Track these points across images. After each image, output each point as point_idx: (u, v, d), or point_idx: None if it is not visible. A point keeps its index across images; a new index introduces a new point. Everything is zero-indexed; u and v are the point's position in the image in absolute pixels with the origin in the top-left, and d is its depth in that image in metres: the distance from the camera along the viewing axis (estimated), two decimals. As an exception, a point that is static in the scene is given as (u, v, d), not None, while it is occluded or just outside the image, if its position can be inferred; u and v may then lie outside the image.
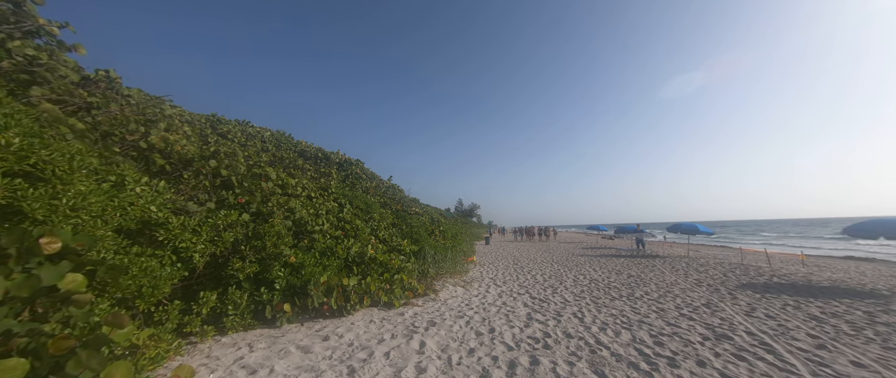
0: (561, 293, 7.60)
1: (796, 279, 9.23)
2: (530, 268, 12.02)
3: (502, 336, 4.62)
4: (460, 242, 15.32)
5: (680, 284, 8.53)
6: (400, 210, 14.50)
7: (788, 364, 3.68)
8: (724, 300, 6.77)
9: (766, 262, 12.94)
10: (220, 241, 4.74)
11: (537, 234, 30.87)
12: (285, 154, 11.82)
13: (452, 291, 7.58)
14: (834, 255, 21.23)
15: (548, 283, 8.98)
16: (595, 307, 6.28)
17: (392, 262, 7.08)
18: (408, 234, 11.22)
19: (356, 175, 16.13)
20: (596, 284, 8.65)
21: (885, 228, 7.83)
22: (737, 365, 3.66)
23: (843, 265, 14.07)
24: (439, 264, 9.23)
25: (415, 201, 22.44)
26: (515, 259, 15.04)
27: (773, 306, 6.24)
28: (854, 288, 8.02)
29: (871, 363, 3.70)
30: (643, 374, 3.47)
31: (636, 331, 4.87)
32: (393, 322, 5.16)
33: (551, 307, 6.29)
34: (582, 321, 5.37)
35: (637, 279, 9.44)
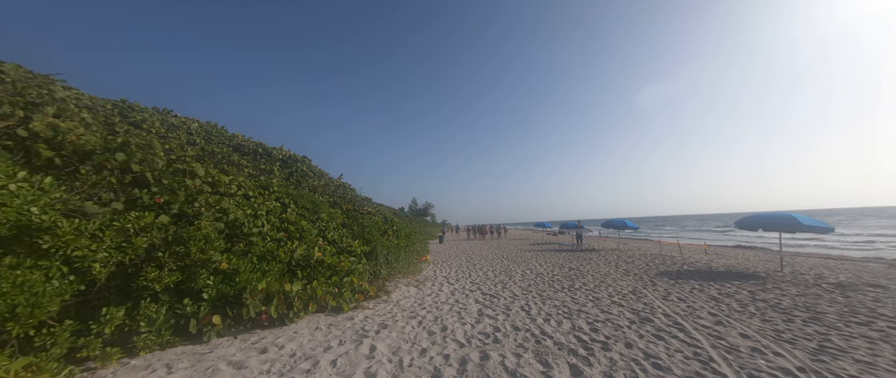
0: (510, 288, 7.93)
1: (700, 266, 10.82)
2: (482, 265, 12.38)
3: (454, 334, 4.67)
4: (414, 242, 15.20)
5: (612, 275, 9.46)
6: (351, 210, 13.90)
7: (695, 339, 4.28)
8: (646, 287, 7.66)
9: (679, 253, 14.99)
10: (130, 247, 4.06)
11: (489, 232, 31.98)
12: (217, 148, 10.59)
13: (405, 292, 7.47)
14: (727, 244, 25.38)
15: (498, 278, 9.32)
16: (540, 300, 6.67)
17: (341, 265, 6.74)
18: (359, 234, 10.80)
19: (302, 173, 15.08)
20: (541, 278, 9.21)
21: (762, 222, 9.57)
22: (656, 344, 4.16)
23: (734, 253, 16.89)
24: (392, 265, 9.04)
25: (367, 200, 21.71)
26: (468, 257, 15.37)
27: (684, 290, 7.23)
28: (741, 272, 9.65)
29: (754, 334, 4.47)
30: (581, 359, 3.76)
31: (575, 319, 5.27)
32: (341, 327, 4.90)
33: (501, 302, 6.53)
34: (529, 314, 5.66)
35: (577, 272, 10.26)
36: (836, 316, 5.17)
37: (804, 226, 8.55)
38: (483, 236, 30.84)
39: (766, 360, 3.64)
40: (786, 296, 6.52)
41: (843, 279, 8.22)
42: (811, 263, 12.19)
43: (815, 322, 4.89)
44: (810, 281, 7.99)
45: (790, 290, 7.06)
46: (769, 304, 5.96)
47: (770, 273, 9.25)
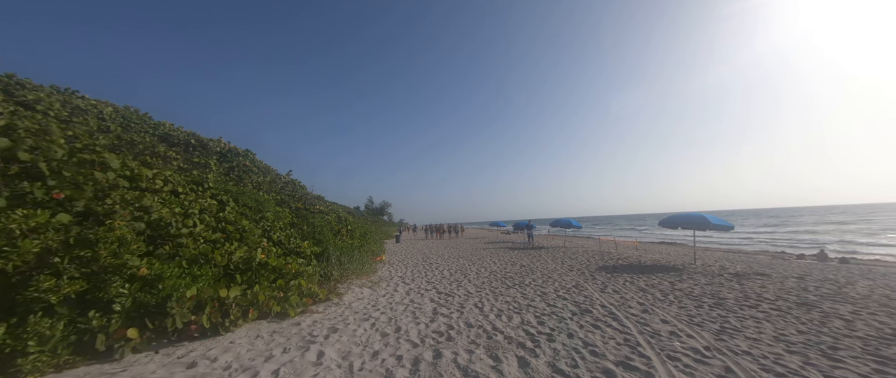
0: (465, 286, 8.10)
1: (632, 261, 12.09)
2: (438, 264, 12.46)
3: (408, 334, 4.63)
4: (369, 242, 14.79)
5: (558, 271, 10.15)
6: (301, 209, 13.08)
7: (626, 327, 4.77)
8: (587, 281, 8.35)
9: (615, 249, 16.58)
10: (16, 251, 3.38)
11: (447, 231, 32.32)
12: (139, 138, 9.27)
13: (359, 293, 7.23)
14: (654, 241, 28.69)
15: (453, 277, 9.46)
16: (493, 296, 6.91)
17: (288, 267, 6.31)
18: (309, 234, 10.21)
19: (245, 168, 13.82)
20: (494, 275, 9.54)
21: (680, 221, 10.98)
22: (593, 333, 4.55)
23: (659, 248, 19.14)
24: (345, 266, 8.69)
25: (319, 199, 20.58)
26: (425, 256, 15.37)
27: (618, 283, 8.01)
28: (664, 265, 10.98)
29: (672, 319, 5.11)
30: (528, 351, 3.97)
31: (525, 314, 5.55)
32: (286, 334, 4.58)
33: (456, 300, 6.63)
34: (482, 310, 5.83)
35: (527, 269, 10.82)
36: (733, 301, 6.11)
37: (712, 224, 9.99)
38: (441, 236, 31.06)
39: (680, 341, 4.18)
40: (697, 285, 7.56)
41: (739, 269, 9.76)
42: (717, 256, 14.29)
43: (719, 306, 5.74)
44: (715, 271, 9.35)
45: (701, 279, 8.20)
46: (684, 292, 6.86)
47: (686, 265, 10.65)
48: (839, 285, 7.31)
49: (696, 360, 3.63)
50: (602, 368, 3.49)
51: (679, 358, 3.70)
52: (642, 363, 3.58)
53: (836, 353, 3.73)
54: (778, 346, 3.96)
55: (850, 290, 6.75)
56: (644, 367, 3.47)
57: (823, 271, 9.72)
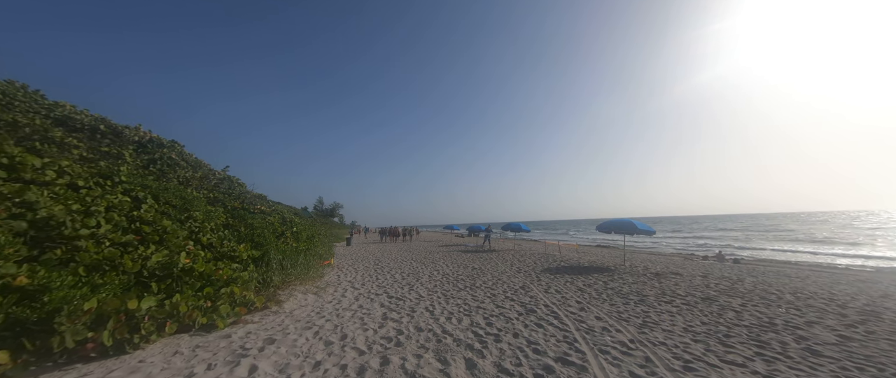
0: (417, 290, 8.02)
1: (573, 263, 13.08)
2: (391, 267, 12.20)
3: (355, 341, 4.43)
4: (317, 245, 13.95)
5: (507, 273, 10.58)
6: (238, 208, 11.88)
7: (565, 325, 5.12)
8: (533, 282, 8.82)
9: (559, 252, 17.80)
10: None
11: (402, 234, 31.77)
12: (24, 119, 7.67)
13: (302, 300, 6.75)
14: (592, 244, 31.41)
15: (406, 280, 9.33)
16: (444, 299, 6.95)
17: (219, 273, 5.66)
18: (248, 236, 9.30)
19: (170, 161, 12.17)
20: (447, 278, 9.62)
21: (613, 226, 12.19)
22: (537, 332, 4.81)
23: (596, 251, 20.99)
24: (288, 271, 8.07)
25: (260, 198, 18.92)
26: (377, 259, 14.95)
27: (560, 284, 8.60)
28: (600, 266, 12.06)
29: (604, 316, 5.61)
30: (476, 352, 4.05)
31: (474, 316, 5.67)
32: (212, 348, 4.09)
33: (407, 304, 6.54)
34: (433, 314, 5.82)
35: (478, 271, 11.10)
36: (653, 297, 6.92)
37: (638, 229, 11.24)
38: (395, 239, 30.44)
39: (610, 336, 4.61)
40: (625, 284, 8.42)
41: (658, 269, 11.10)
42: (642, 258, 16.10)
43: (642, 303, 6.45)
44: (640, 272, 10.52)
45: (628, 279, 9.15)
46: (615, 291, 7.59)
47: (617, 266, 11.81)
48: (732, 282, 8.69)
49: (623, 352, 4.03)
50: (543, 365, 3.69)
51: (609, 351, 4.06)
52: (578, 358, 3.86)
53: (728, 340, 4.41)
54: (686, 337, 4.56)
55: (739, 286, 8.05)
56: (579, 362, 3.75)
57: (721, 270, 11.49)
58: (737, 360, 3.76)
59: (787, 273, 11.35)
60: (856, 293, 7.34)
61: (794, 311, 5.78)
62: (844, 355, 3.85)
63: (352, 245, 26.06)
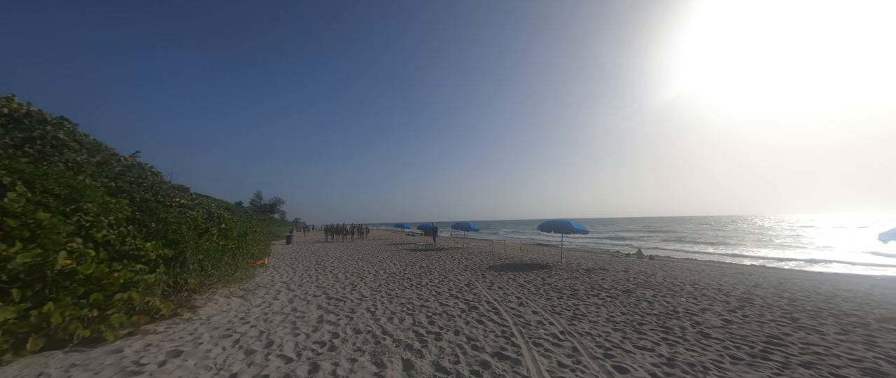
0: (360, 289, 7.69)
1: (516, 260, 13.74)
2: (334, 267, 11.56)
3: (282, 348, 4.05)
4: (249, 243, 12.65)
5: (454, 271, 10.70)
6: (149, 200, 10.21)
7: (504, 320, 5.30)
8: (478, 280, 9.04)
9: (503, 250, 18.60)
10: None
11: (350, 232, 30.31)
12: None
13: (224, 304, 6.02)
14: (534, 242, 33.48)
15: (349, 280, 8.89)
16: (388, 299, 6.75)
17: (113, 276, 4.76)
18: (160, 233, 8.03)
19: (56, 142, 9.99)
20: (393, 277, 9.39)
21: (552, 226, 13.08)
22: (477, 328, 4.89)
23: (538, 249, 22.36)
24: (209, 272, 7.14)
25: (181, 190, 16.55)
26: (319, 259, 14.07)
27: (502, 280, 8.94)
28: (539, 263, 12.84)
29: (540, 310, 5.94)
30: (415, 353, 3.97)
31: (417, 315, 5.58)
32: (93, 366, 3.38)
33: (347, 305, 6.21)
34: (374, 314, 5.60)
35: (426, 269, 11.05)
36: (584, 291, 7.54)
37: (574, 229, 12.20)
38: (343, 237, 28.95)
39: (544, 329, 4.87)
40: (561, 279, 9.06)
41: (589, 266, 12.19)
42: (576, 256, 17.55)
43: (573, 297, 6.98)
44: (574, 268, 11.44)
45: (563, 275, 9.87)
46: (552, 286, 8.11)
47: (554, 264, 12.70)
48: (647, 276, 9.87)
49: (554, 344, 4.28)
50: (480, 361, 3.74)
51: (542, 343, 4.28)
52: (513, 352, 4.00)
53: (642, 328, 4.95)
54: (608, 326, 5.02)
55: (652, 280, 9.18)
56: (514, 356, 3.88)
57: (639, 266, 13.02)
58: (647, 346, 4.22)
59: (689, 268, 13.28)
60: (736, 284, 8.83)
61: (692, 300, 6.74)
62: (727, 336, 4.57)
63: (292, 244, 24.25)
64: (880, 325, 5.10)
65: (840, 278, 11.19)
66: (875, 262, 18.83)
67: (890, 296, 7.35)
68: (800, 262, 19.89)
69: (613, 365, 3.63)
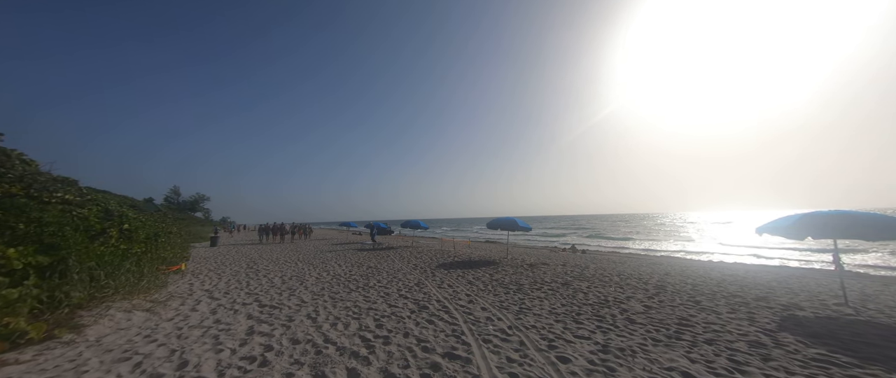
0: (299, 294, 7.05)
1: (465, 258, 13.99)
2: (269, 270, 10.48)
3: (200, 369, 3.46)
4: (160, 247, 10.84)
5: (403, 270, 10.47)
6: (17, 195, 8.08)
7: (454, 318, 5.28)
8: (428, 279, 8.95)
9: (453, 248, 18.84)
10: None
11: (291, 232, 27.76)
12: None
13: (123, 320, 5.00)
14: (481, 239, 34.63)
15: (286, 284, 8.12)
16: (332, 303, 6.29)
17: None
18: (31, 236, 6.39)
19: None
20: (338, 279, 8.83)
21: (499, 223, 13.60)
22: (427, 328, 4.79)
23: (485, 246, 23.12)
24: (102, 282, 5.90)
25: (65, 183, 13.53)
26: (252, 262, 12.67)
27: (452, 278, 8.99)
28: (487, 260, 13.25)
29: (489, 306, 6.07)
30: (361, 361, 3.71)
31: (364, 319, 5.28)
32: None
33: (283, 312, 5.62)
34: (315, 321, 5.15)
35: (374, 269, 10.63)
36: (528, 286, 7.92)
37: (519, 226, 12.83)
38: (281, 238, 26.42)
39: (493, 325, 4.96)
40: (507, 275, 9.43)
41: (532, 261, 12.93)
42: (520, 251, 18.53)
43: (519, 291, 7.29)
44: (519, 264, 12.02)
45: (509, 271, 10.30)
46: (499, 282, 8.38)
47: (501, 260, 13.22)
48: (581, 269, 10.79)
49: (502, 339, 4.37)
50: (431, 363, 3.64)
51: (491, 339, 4.34)
52: (464, 350, 3.98)
53: (579, 318, 5.33)
54: (551, 318, 5.31)
55: (586, 272, 10.05)
56: (465, 355, 3.86)
57: (575, 260, 14.21)
58: (584, 334, 4.55)
59: (614, 260, 14.90)
60: (652, 273, 10.11)
61: (619, 289, 7.51)
62: (648, 321, 5.15)
63: (218, 246, 21.57)
64: (757, 303, 6.23)
65: (726, 266, 13.55)
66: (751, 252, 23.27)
67: (760, 279, 9.08)
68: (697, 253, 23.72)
69: (557, 356, 3.82)
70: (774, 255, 21.10)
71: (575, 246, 26.08)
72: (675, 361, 3.66)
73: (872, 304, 6.27)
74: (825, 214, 5.78)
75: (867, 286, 8.28)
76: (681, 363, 3.61)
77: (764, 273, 10.73)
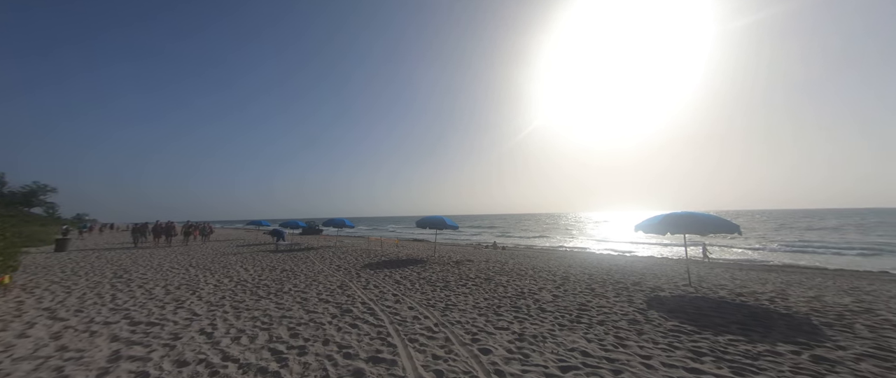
0: (190, 306, 5.91)
1: (392, 257, 13.74)
2: (147, 279, 8.54)
3: (29, 415, 2.58)
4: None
5: (325, 272, 9.72)
6: None
7: (380, 320, 5.10)
8: (352, 280, 8.49)
9: (380, 247, 18.34)
10: None
11: (184, 232, 22.49)
12: None
13: None
14: (410, 238, 34.57)
15: (172, 295, 6.73)
16: (234, 314, 5.44)
17: None
18: None
19: None
20: (243, 286, 7.70)
21: (428, 222, 13.75)
22: (351, 333, 4.52)
23: (413, 245, 23.13)
24: None
25: None
26: (121, 270, 10.15)
27: (379, 278, 8.71)
28: (416, 259, 13.26)
29: (416, 305, 6.04)
30: (271, 375, 3.28)
31: (275, 329, 4.70)
32: None
33: (166, 330, 4.63)
34: (210, 337, 4.37)
35: (290, 273, 9.61)
36: (454, 282, 8.17)
37: (447, 224, 13.17)
38: (168, 240, 21.27)
39: (420, 324, 4.95)
40: (435, 273, 9.57)
41: (458, 258, 13.42)
42: (447, 249, 19.09)
43: (446, 288, 7.46)
44: (446, 261, 12.34)
45: (437, 268, 10.48)
46: (426, 280, 8.44)
47: (429, 258, 13.37)
48: (502, 264, 11.64)
49: (428, 337, 4.39)
50: (353, 370, 3.42)
51: (417, 338, 4.32)
52: (390, 352, 3.86)
53: (500, 310, 5.71)
54: (474, 313, 5.55)
55: (506, 267, 10.88)
56: (390, 356, 3.75)
57: (496, 256, 15.28)
58: (503, 325, 4.89)
59: (529, 255, 16.53)
60: (559, 265, 11.51)
61: (533, 281, 8.31)
62: (556, 308, 5.81)
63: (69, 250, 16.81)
64: (634, 287, 7.62)
65: (613, 257, 16.29)
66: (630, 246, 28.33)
67: (636, 267, 11.17)
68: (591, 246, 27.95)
69: (479, 348, 4.00)
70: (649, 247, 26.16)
71: (497, 243, 28.05)
72: (576, 342, 4.20)
73: (705, 283, 8.27)
74: (677, 215, 7.38)
75: (702, 270, 10.92)
76: (580, 344, 4.16)
77: (639, 262, 13.24)
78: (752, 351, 3.92)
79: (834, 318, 5.28)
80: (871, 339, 4.31)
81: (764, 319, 5.17)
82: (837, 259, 19.55)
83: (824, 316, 5.37)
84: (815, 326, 4.85)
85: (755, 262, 17.90)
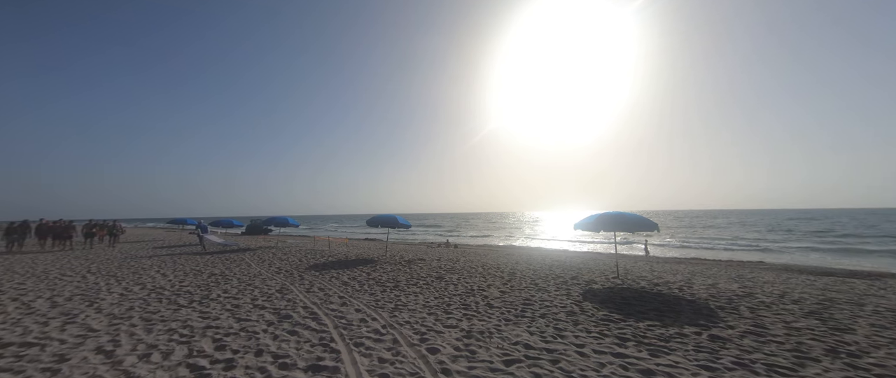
0: (85, 321, 4.95)
1: (341, 257, 13.11)
2: (24, 290, 6.97)
3: None
4: None
5: (262, 275, 8.89)
6: None
7: (324, 325, 4.80)
8: (294, 283, 7.89)
9: (328, 246, 17.39)
10: None
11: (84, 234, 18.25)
12: None
13: None
14: (361, 237, 33.40)
15: (59, 309, 5.57)
16: (145, 326, 4.69)
17: None
18: None
19: None
20: (158, 294, 6.69)
21: (380, 221, 13.40)
22: (289, 341, 4.16)
23: (364, 244, 22.37)
24: None
25: None
26: (-14, 279, 8.15)
27: (324, 280, 8.22)
28: (365, 258, 12.81)
29: (364, 307, 5.81)
30: (188, 397, 2.87)
31: (197, 341, 4.14)
32: None
33: (47, 352, 3.80)
34: (111, 356, 3.70)
35: (220, 277, 8.61)
36: (405, 282, 8.04)
37: (399, 223, 12.95)
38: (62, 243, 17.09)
39: (367, 326, 4.76)
40: (385, 273, 9.33)
41: (410, 257, 13.28)
42: (400, 248, 18.80)
43: (396, 288, 7.29)
44: (397, 260, 12.12)
45: (388, 268, 10.24)
46: (376, 280, 8.19)
47: (380, 257, 13.02)
48: (453, 262, 11.79)
49: (375, 340, 4.23)
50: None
51: (363, 342, 4.14)
52: (332, 359, 3.63)
53: (449, 308, 5.75)
54: (424, 312, 5.51)
55: (457, 265, 11.04)
56: (333, 363, 3.53)
57: (448, 254, 15.43)
58: (452, 323, 4.92)
59: (480, 252, 17.03)
60: (507, 262, 12.03)
61: (482, 279, 8.55)
62: (503, 304, 6.04)
63: None
64: (572, 281, 8.25)
65: (555, 253, 17.52)
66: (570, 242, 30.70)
67: (574, 262, 12.14)
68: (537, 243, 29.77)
69: (427, 348, 3.96)
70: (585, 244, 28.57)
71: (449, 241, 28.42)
72: (520, 336, 4.39)
73: (630, 275, 9.29)
74: (609, 214, 8.18)
75: (628, 263, 12.25)
76: (523, 337, 4.36)
77: (577, 258, 14.42)
78: (665, 334, 4.48)
79: (725, 302, 6.27)
80: (751, 319, 5.20)
81: (674, 305, 5.95)
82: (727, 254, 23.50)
83: (718, 300, 6.36)
84: (712, 310, 5.71)
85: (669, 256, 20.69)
